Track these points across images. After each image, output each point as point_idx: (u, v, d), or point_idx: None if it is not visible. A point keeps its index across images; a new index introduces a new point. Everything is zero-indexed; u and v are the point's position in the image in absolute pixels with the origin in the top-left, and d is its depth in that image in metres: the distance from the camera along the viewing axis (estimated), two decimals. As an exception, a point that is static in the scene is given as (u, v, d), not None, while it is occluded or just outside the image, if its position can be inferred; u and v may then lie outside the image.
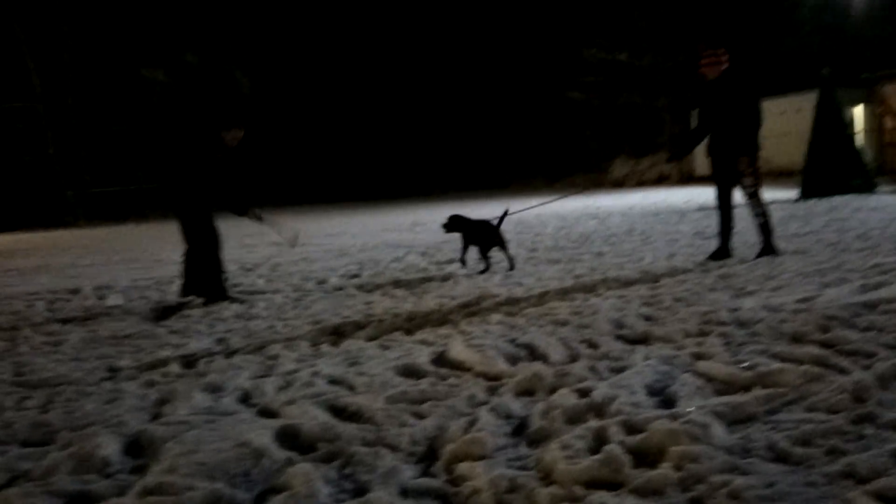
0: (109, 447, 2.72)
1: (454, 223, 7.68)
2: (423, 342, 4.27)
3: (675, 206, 15.69)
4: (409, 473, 2.41)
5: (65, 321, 5.91)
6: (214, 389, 3.51)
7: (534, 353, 3.77)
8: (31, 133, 32.98)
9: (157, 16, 34.06)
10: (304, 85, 40.36)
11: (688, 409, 2.65)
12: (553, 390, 3.08)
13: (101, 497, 2.33)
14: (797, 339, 3.62)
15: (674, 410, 2.69)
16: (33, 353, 4.72)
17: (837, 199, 13.99)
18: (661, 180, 31.76)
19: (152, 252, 12.93)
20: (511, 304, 5.31)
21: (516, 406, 2.96)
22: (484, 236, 7.42)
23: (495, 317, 4.83)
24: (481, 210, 11.28)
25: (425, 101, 42.17)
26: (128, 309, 6.36)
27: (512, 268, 7.26)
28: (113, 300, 6.88)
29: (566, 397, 2.93)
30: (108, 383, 3.78)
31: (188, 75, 34.96)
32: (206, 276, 6.47)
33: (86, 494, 2.36)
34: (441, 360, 3.81)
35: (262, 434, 2.72)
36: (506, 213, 7.69)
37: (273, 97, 38.95)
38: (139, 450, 2.75)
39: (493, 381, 3.36)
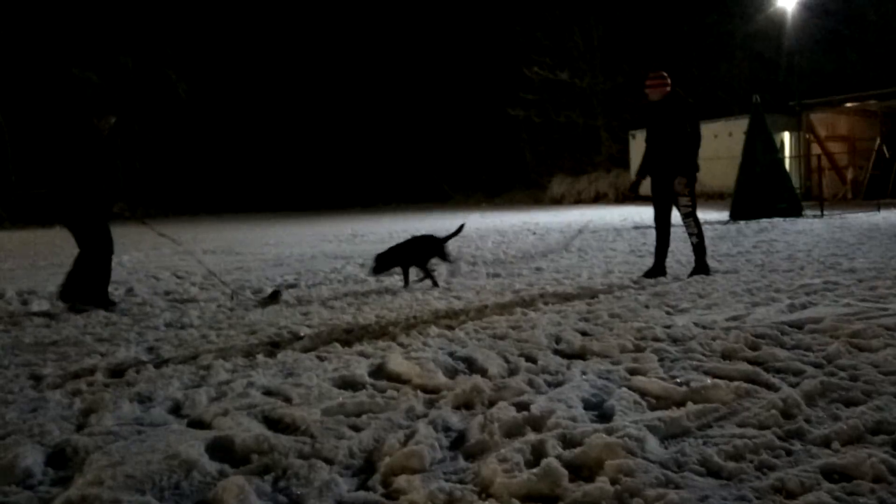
0: (31, 458, 2.60)
1: (384, 262, 7.22)
2: (362, 354, 4.23)
3: (612, 224, 16.01)
4: (345, 487, 2.36)
5: (-15, 326, 5.65)
6: (143, 399, 3.39)
7: (472, 367, 3.78)
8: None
9: (92, 15, 33.14)
10: (244, 92, 39.80)
11: (624, 424, 2.68)
12: (492, 403, 3.08)
13: (21, 511, 2.22)
14: (728, 356, 3.72)
15: (610, 425, 2.71)
16: (-52, 359, 4.49)
17: (765, 222, 14.53)
18: (598, 198, 32.39)
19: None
20: (450, 318, 5.30)
21: (455, 419, 2.95)
22: (422, 252, 7.30)
23: (434, 329, 4.82)
24: (421, 224, 11.28)
25: (368, 112, 42.10)
26: (52, 315, 6.11)
27: (435, 284, 7.12)
28: (37, 306, 6.61)
29: (504, 411, 2.93)
30: (30, 392, 3.61)
31: (122, 77, 34.09)
32: (92, 282, 6.36)
33: (5, 507, 2.25)
34: (379, 372, 3.78)
35: (192, 446, 2.64)
36: (461, 228, 7.75)
37: (212, 102, 38.28)
38: (63, 461, 2.64)
39: (432, 393, 3.35)
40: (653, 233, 7.32)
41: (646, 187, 7.27)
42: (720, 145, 22.80)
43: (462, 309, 5.68)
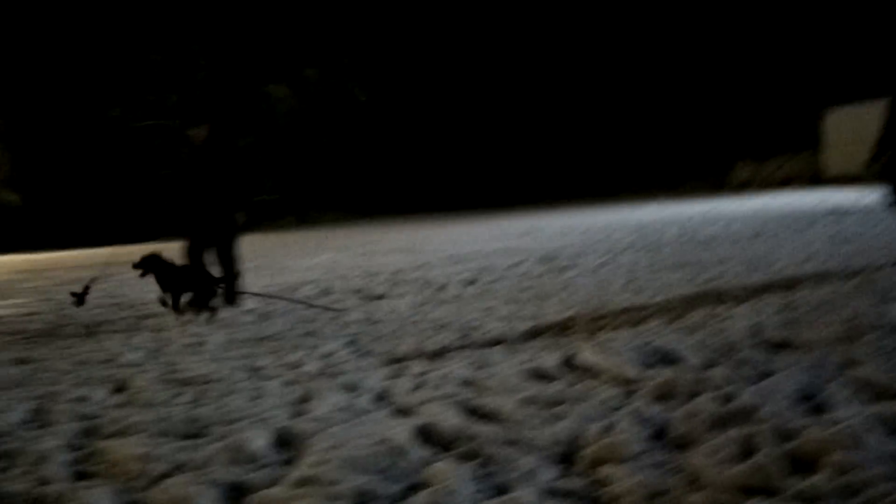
0: (259, 440, 2.86)
1: None
2: (549, 347, 4.25)
3: (805, 210, 14.93)
4: (549, 474, 2.40)
5: (205, 324, 6.26)
6: (350, 389, 3.62)
7: (667, 358, 3.68)
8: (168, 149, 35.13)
9: (279, 32, 35.57)
10: (420, 95, 41.12)
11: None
12: (692, 396, 2.99)
13: (256, 487, 2.46)
14: (958, 346, 3.37)
15: (826, 417, 2.56)
16: (181, 352, 5.03)
17: None
18: (786, 183, 30.29)
19: (278, 259, 13.51)
20: (636, 310, 5.20)
21: (654, 411, 2.90)
22: None
23: (621, 322, 4.76)
24: (595, 219, 11.12)
25: (539, 106, 42.00)
26: (262, 314, 6.65)
27: None
28: (247, 304, 7.21)
29: (707, 403, 2.84)
30: (251, 381, 3.97)
31: (309, 90, 36.34)
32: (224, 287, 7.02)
33: (241, 485, 2.50)
34: (570, 363, 3.79)
35: (400, 432, 2.79)
36: None
37: (389, 107, 39.87)
38: (286, 443, 2.88)
39: (627, 385, 3.31)
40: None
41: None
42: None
43: (647, 301, 5.56)
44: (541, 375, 3.58)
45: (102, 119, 34.21)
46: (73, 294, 6.89)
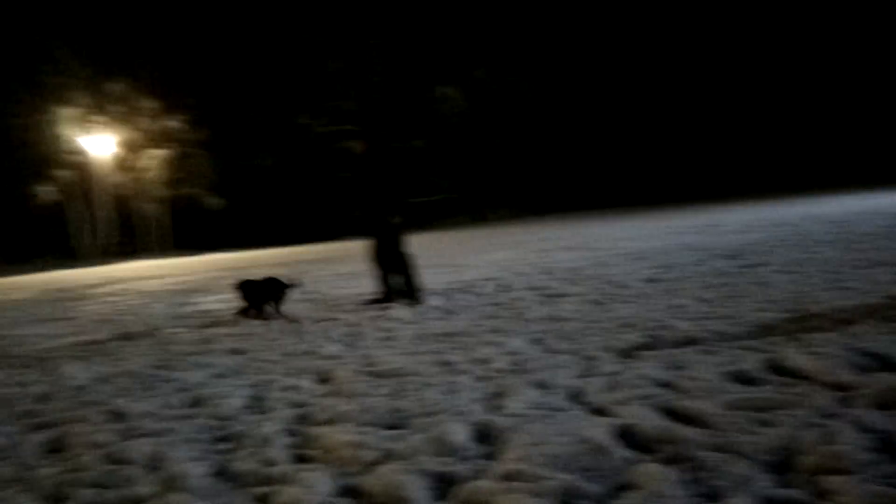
0: (459, 433, 2.95)
1: None
2: (748, 348, 4.05)
3: None
4: (764, 482, 2.30)
5: (395, 319, 6.54)
6: (543, 386, 3.65)
7: (885, 363, 3.40)
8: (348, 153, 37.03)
9: (448, 34, 36.38)
10: (588, 92, 40.56)
11: None
12: (923, 405, 2.75)
13: (464, 479, 2.54)
14: None
15: None
16: (375, 346, 5.30)
17: None
18: None
19: (455, 258, 13.83)
20: (841, 310, 4.82)
21: (876, 419, 2.69)
22: None
23: (826, 322, 4.44)
24: (787, 211, 10.43)
25: (721, 100, 40.01)
26: (446, 310, 6.85)
27: None
28: (433, 301, 7.45)
29: (941, 414, 2.59)
30: (443, 376, 4.10)
31: (478, 90, 36.92)
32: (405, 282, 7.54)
33: (449, 475, 2.59)
34: (774, 367, 3.59)
35: (601, 431, 2.78)
36: None
37: (558, 105, 39.66)
38: (485, 438, 2.95)
39: (842, 391, 3.09)
40: None
41: None
42: None
43: (858, 302, 5.14)
44: (743, 378, 3.42)
45: (292, 126, 36.61)
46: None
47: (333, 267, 14.79)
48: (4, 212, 34.92)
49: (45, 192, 33.89)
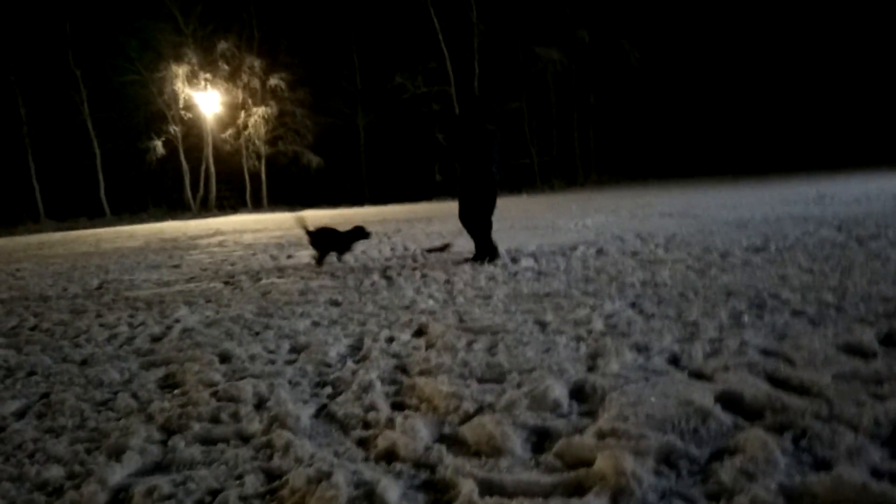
0: (558, 390, 2.96)
1: None
2: (862, 320, 3.87)
3: None
4: (875, 455, 2.21)
5: (489, 278, 6.57)
6: (641, 349, 3.61)
7: None
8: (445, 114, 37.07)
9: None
10: (692, 56, 39.05)
11: None
12: None
13: (560, 433, 2.56)
14: None
15: None
16: (469, 304, 5.35)
17: None
18: None
19: (549, 220, 13.72)
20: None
21: None
22: None
23: (950, 299, 4.18)
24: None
25: (825, 70, 37.75)
26: (540, 271, 6.83)
27: None
28: (525, 262, 7.44)
29: None
30: (540, 335, 4.11)
31: (580, 51, 36.11)
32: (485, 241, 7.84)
33: (546, 430, 2.61)
34: (891, 340, 3.42)
35: (702, 395, 2.73)
36: None
37: (661, 69, 38.41)
38: (583, 396, 2.95)
39: (964, 369, 2.92)
40: None
41: None
42: None
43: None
44: (856, 351, 3.28)
45: (388, 86, 36.85)
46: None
47: (424, 226, 14.93)
48: (120, 165, 36.82)
49: (157, 146, 35.45)
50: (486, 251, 7.86)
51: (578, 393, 2.99)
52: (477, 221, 7.88)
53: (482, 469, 2.32)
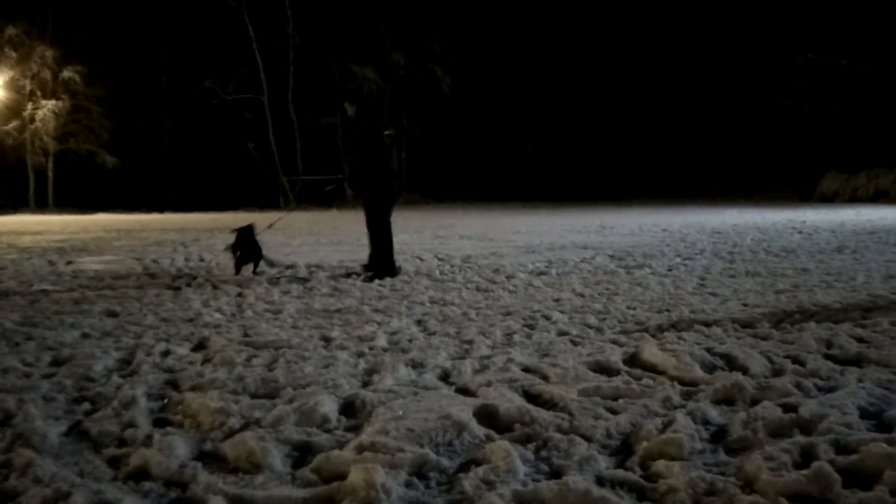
0: (328, 406, 3.00)
1: None
2: (615, 342, 4.28)
3: (894, 227, 14.33)
4: (603, 464, 2.46)
5: (283, 293, 6.50)
6: (416, 365, 3.75)
7: (732, 364, 3.67)
8: (255, 123, 36.23)
9: (364, 15, 35.95)
10: (505, 87, 41.07)
11: None
12: (754, 402, 2.99)
13: (322, 448, 2.60)
14: None
15: (891, 435, 2.53)
16: (257, 318, 5.26)
17: None
18: (877, 197, 29.04)
19: (355, 236, 13.79)
20: (705, 313, 5.16)
21: (714, 413, 2.92)
22: None
23: (688, 324, 4.73)
24: (673, 218, 10.90)
25: (625, 105, 41.34)
26: (335, 288, 6.86)
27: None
28: (321, 276, 7.43)
29: (769, 410, 2.84)
30: (322, 350, 4.14)
31: (393, 73, 36.66)
32: (382, 257, 7.63)
33: (310, 445, 2.64)
34: (633, 360, 3.82)
35: (462, 410, 2.89)
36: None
37: (473, 95, 39.90)
38: (353, 411, 3.02)
39: (689, 386, 3.32)
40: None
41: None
42: None
43: (717, 306, 5.50)
44: (603, 369, 3.62)
45: (197, 90, 35.33)
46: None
47: (226, 237, 14.42)
48: None
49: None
50: (379, 265, 7.59)
51: (349, 408, 3.05)
52: (373, 229, 7.68)
53: (236, 486, 2.30)
